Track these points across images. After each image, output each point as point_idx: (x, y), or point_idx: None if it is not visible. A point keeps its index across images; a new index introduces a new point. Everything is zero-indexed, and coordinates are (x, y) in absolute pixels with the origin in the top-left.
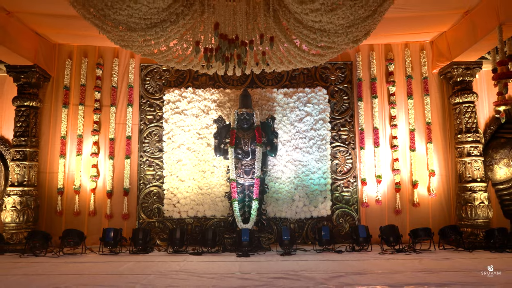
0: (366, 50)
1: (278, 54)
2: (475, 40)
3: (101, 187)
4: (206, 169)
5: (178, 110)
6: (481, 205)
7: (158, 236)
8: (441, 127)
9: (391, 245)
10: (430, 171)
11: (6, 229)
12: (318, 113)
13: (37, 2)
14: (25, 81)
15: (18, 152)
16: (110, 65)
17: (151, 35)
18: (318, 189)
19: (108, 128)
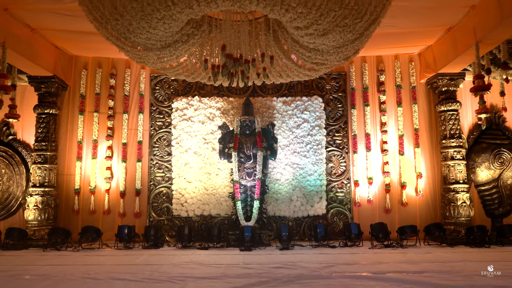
0: (359, 61)
1: (278, 68)
2: (456, 54)
3: (115, 188)
4: (212, 172)
5: (185, 117)
6: (463, 205)
7: (167, 233)
8: (427, 133)
9: (380, 241)
10: (418, 174)
11: (29, 226)
12: (315, 120)
13: (58, 19)
14: (45, 90)
15: (40, 156)
16: (122, 75)
17: (165, 54)
18: (314, 190)
19: (121, 134)
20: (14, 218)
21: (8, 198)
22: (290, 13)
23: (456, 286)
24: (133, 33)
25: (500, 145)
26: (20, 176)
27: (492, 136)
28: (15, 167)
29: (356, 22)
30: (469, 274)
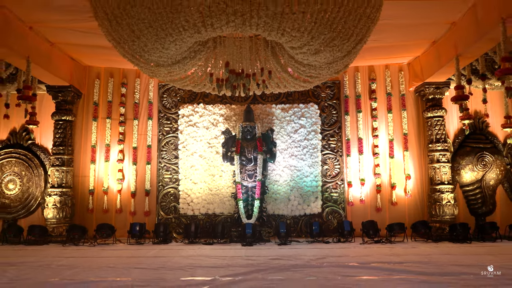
0: (352, 71)
1: (276, 80)
2: (440, 65)
3: (126, 188)
4: (215, 173)
5: (191, 123)
6: (447, 204)
7: (175, 230)
8: (416, 137)
9: (370, 237)
10: (407, 175)
11: (48, 224)
12: (311, 125)
13: (75, 36)
14: (62, 98)
15: (57, 159)
16: (133, 84)
17: (174, 69)
18: (311, 190)
19: (131, 138)
20: (33, 216)
21: (28, 198)
22: (285, 36)
23: (427, 272)
24: (148, 52)
25: (483, 149)
26: (39, 178)
27: (476, 140)
28: (34, 169)
29: (344, 42)
30: (443, 264)
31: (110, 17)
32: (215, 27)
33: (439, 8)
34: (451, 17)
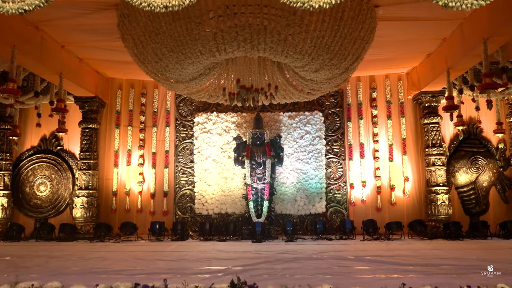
0: (354, 81)
1: (282, 92)
2: (434, 76)
3: (146, 190)
4: (228, 176)
5: (205, 129)
6: (442, 204)
7: (191, 228)
8: (413, 142)
9: (370, 235)
10: (405, 177)
11: (77, 222)
12: (316, 131)
13: (101, 52)
14: (88, 108)
15: (84, 164)
16: (151, 94)
17: (191, 84)
18: (315, 191)
19: (151, 144)
20: (62, 216)
21: (57, 199)
22: (289, 58)
23: (412, 263)
24: (168, 71)
25: (477, 153)
26: (67, 181)
27: (470, 144)
28: (63, 173)
29: (341, 62)
30: (429, 257)
31: (137, 42)
32: (227, 51)
33: (430, 26)
34: (441, 34)
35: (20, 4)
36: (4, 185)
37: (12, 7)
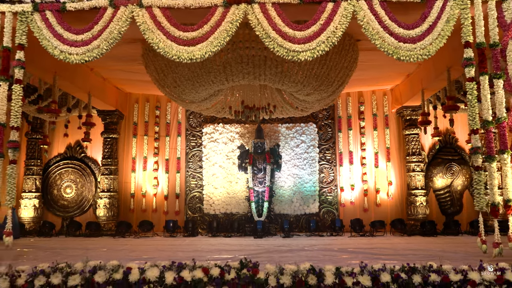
0: (344, 96)
1: (280, 109)
2: (413, 94)
3: (160, 192)
4: (232, 180)
5: (212, 139)
6: (420, 205)
7: (200, 226)
8: (396, 151)
9: (357, 232)
10: (389, 182)
11: (100, 220)
12: (310, 141)
13: (124, 74)
14: (109, 120)
15: (106, 169)
16: (165, 108)
17: (202, 104)
18: (310, 194)
19: (164, 152)
20: (86, 215)
21: (82, 200)
22: (285, 86)
23: (383, 253)
24: (184, 94)
25: (452, 160)
26: (90, 184)
27: (446, 153)
28: (87, 177)
29: (328, 87)
30: (400, 249)
31: (158, 70)
32: (234, 80)
33: None
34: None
35: (82, 56)
36: (36, 188)
37: (76, 58)
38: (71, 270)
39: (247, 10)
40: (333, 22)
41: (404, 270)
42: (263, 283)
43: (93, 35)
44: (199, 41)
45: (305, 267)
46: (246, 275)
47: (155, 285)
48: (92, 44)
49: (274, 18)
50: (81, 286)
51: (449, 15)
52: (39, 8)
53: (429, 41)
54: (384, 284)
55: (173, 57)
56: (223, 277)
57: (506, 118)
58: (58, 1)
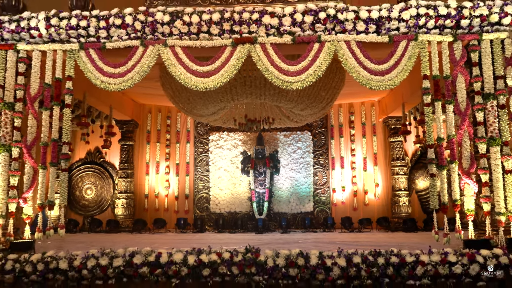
0: (336, 107)
1: (278, 120)
2: (396, 106)
3: (171, 193)
4: (236, 183)
5: (218, 145)
6: (403, 205)
7: (207, 223)
8: (383, 156)
9: (346, 228)
10: (376, 184)
11: (118, 219)
12: (305, 147)
13: (141, 89)
14: (126, 129)
15: (123, 173)
16: (175, 117)
17: (211, 117)
18: (305, 195)
19: (175, 157)
20: (104, 214)
21: (101, 200)
22: (282, 103)
23: (365, 245)
24: (195, 109)
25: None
26: (109, 186)
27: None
28: (105, 179)
29: (318, 104)
30: (381, 242)
31: (174, 90)
32: (239, 99)
33: None
34: None
35: (119, 86)
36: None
37: (114, 87)
38: (115, 254)
39: (251, 49)
40: (319, 58)
41: (372, 254)
42: (263, 264)
43: (127, 68)
44: (212, 74)
45: (295, 251)
46: (250, 258)
47: (180, 265)
48: (126, 76)
49: (272, 55)
50: (123, 266)
51: (411, 53)
52: (84, 47)
53: (395, 74)
54: (355, 264)
55: (191, 86)
56: (232, 259)
57: (455, 135)
58: (99, 41)
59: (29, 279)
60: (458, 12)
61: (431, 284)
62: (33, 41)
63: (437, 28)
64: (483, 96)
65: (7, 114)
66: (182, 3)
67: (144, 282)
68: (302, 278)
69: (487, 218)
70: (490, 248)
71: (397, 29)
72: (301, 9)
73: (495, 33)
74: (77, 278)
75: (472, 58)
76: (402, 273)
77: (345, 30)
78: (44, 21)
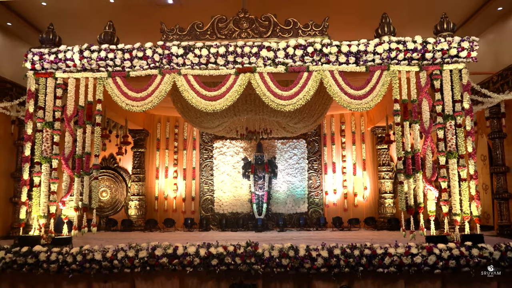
0: (328, 117)
1: (275, 131)
2: (381, 117)
3: (179, 196)
4: (238, 186)
5: (221, 152)
6: (388, 206)
7: (211, 223)
8: (371, 162)
9: (337, 227)
10: (364, 187)
11: (132, 218)
12: (300, 154)
13: None
14: (138, 137)
15: (136, 177)
16: (182, 126)
17: (216, 128)
18: (300, 197)
19: (182, 163)
20: (118, 214)
21: (115, 202)
22: (278, 118)
23: (349, 240)
24: (202, 122)
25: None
26: (122, 189)
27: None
28: (119, 183)
29: (310, 118)
30: (364, 238)
31: (183, 106)
32: (241, 115)
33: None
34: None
35: (141, 108)
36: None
37: (137, 109)
38: (140, 247)
39: (251, 77)
40: (307, 85)
41: (349, 247)
42: (261, 255)
43: (148, 93)
44: (218, 98)
45: (287, 245)
46: (250, 250)
47: (193, 256)
48: (147, 99)
49: (269, 82)
50: (147, 257)
51: (384, 81)
52: (112, 75)
53: (371, 98)
54: (335, 256)
55: (201, 108)
56: (235, 251)
57: (420, 150)
58: (124, 70)
59: (70, 268)
60: (423, 46)
61: (396, 272)
62: (69, 70)
63: (406, 60)
64: (443, 117)
65: (47, 132)
66: (193, 37)
67: (163, 270)
68: (293, 266)
69: (445, 218)
70: (446, 243)
71: (373, 60)
72: (292, 44)
73: (454, 64)
74: (109, 267)
75: (435, 85)
76: (373, 262)
77: (329, 61)
78: (78, 53)
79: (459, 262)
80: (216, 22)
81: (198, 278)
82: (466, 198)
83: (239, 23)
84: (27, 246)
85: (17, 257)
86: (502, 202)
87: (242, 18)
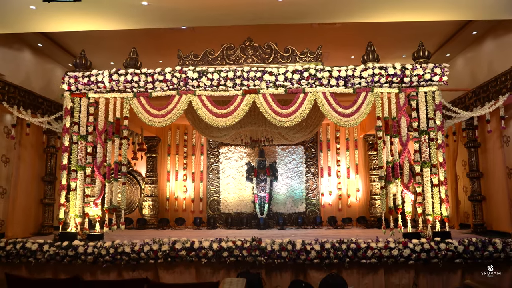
0: (324, 125)
1: (276, 139)
2: (372, 126)
3: (188, 197)
4: (242, 188)
5: (227, 157)
6: (378, 206)
7: (218, 221)
8: (363, 166)
9: (332, 226)
10: (357, 189)
11: (145, 217)
12: (299, 158)
13: None
14: (151, 144)
15: (149, 180)
16: (191, 134)
17: (223, 138)
18: (299, 198)
19: (191, 167)
20: (133, 214)
21: (130, 202)
22: (278, 130)
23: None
24: (211, 133)
25: None
26: (136, 191)
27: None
28: (134, 185)
29: (307, 129)
30: (353, 235)
31: (195, 119)
32: (245, 127)
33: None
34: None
35: (161, 123)
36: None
37: (158, 124)
38: (162, 242)
39: (255, 97)
40: (303, 105)
41: (338, 241)
42: (264, 249)
43: (167, 111)
44: (227, 115)
45: (286, 240)
46: (255, 244)
47: (207, 249)
48: (167, 116)
49: (270, 102)
50: (168, 250)
51: (368, 101)
52: (136, 95)
53: (357, 116)
54: (326, 249)
55: (213, 124)
56: (243, 245)
57: (399, 159)
58: (147, 91)
59: (103, 259)
60: (402, 72)
61: (377, 262)
62: (99, 91)
63: (387, 83)
64: (418, 132)
65: (82, 144)
66: (206, 63)
67: (182, 261)
68: (290, 258)
69: (420, 218)
70: (419, 238)
71: (359, 83)
72: (291, 69)
73: (428, 87)
74: (136, 258)
75: (412, 104)
76: (358, 255)
77: (322, 84)
78: (108, 76)
79: (429, 254)
80: (225, 50)
81: (211, 268)
82: (437, 201)
83: (245, 50)
84: (67, 241)
85: (59, 250)
86: (476, 203)
87: (248, 46)
